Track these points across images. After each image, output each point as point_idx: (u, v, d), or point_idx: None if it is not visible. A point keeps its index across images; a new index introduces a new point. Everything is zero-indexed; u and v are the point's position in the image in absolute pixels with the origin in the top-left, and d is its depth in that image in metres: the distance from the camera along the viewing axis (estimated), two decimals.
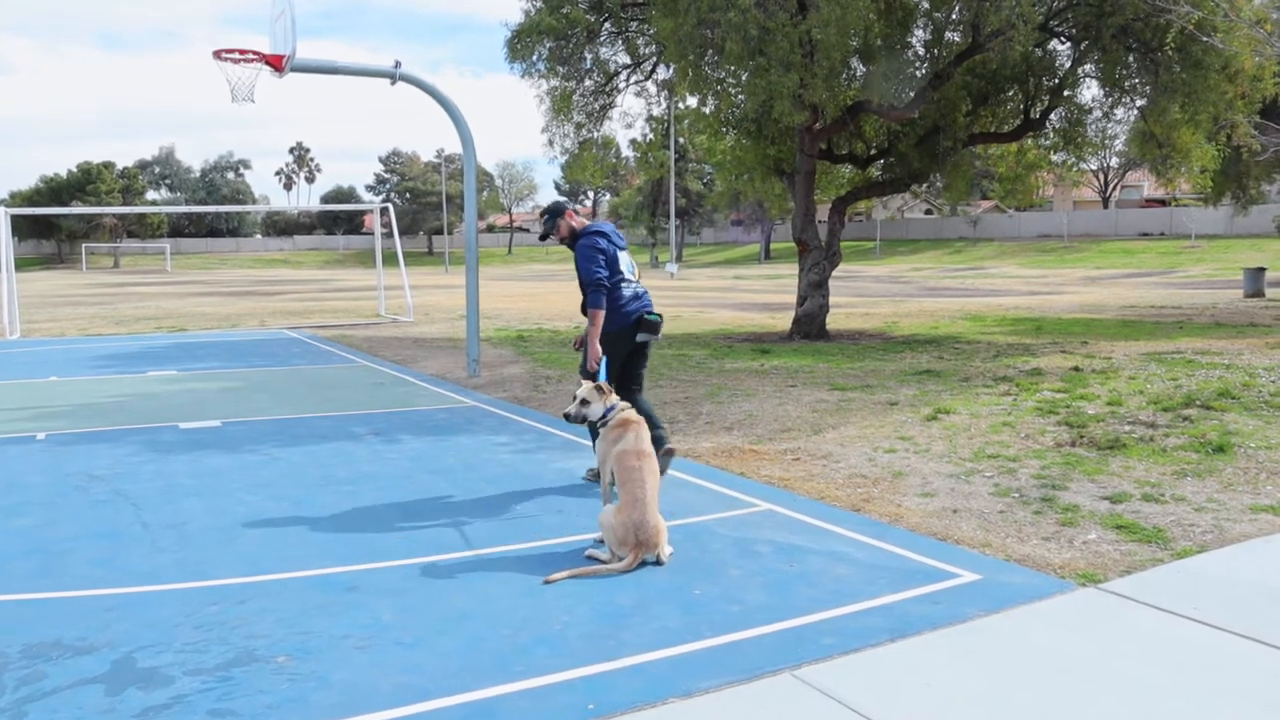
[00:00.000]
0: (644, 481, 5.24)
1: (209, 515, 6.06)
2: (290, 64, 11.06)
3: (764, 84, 12.35)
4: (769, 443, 8.27)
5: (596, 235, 6.83)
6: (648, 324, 6.82)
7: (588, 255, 6.72)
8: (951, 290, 34.59)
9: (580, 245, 6.81)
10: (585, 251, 6.75)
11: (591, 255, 6.71)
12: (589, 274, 6.66)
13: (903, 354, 14.37)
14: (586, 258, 6.72)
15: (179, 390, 11.67)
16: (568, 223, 6.99)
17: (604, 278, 6.66)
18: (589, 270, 6.68)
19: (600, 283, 6.64)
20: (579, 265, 6.78)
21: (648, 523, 5.10)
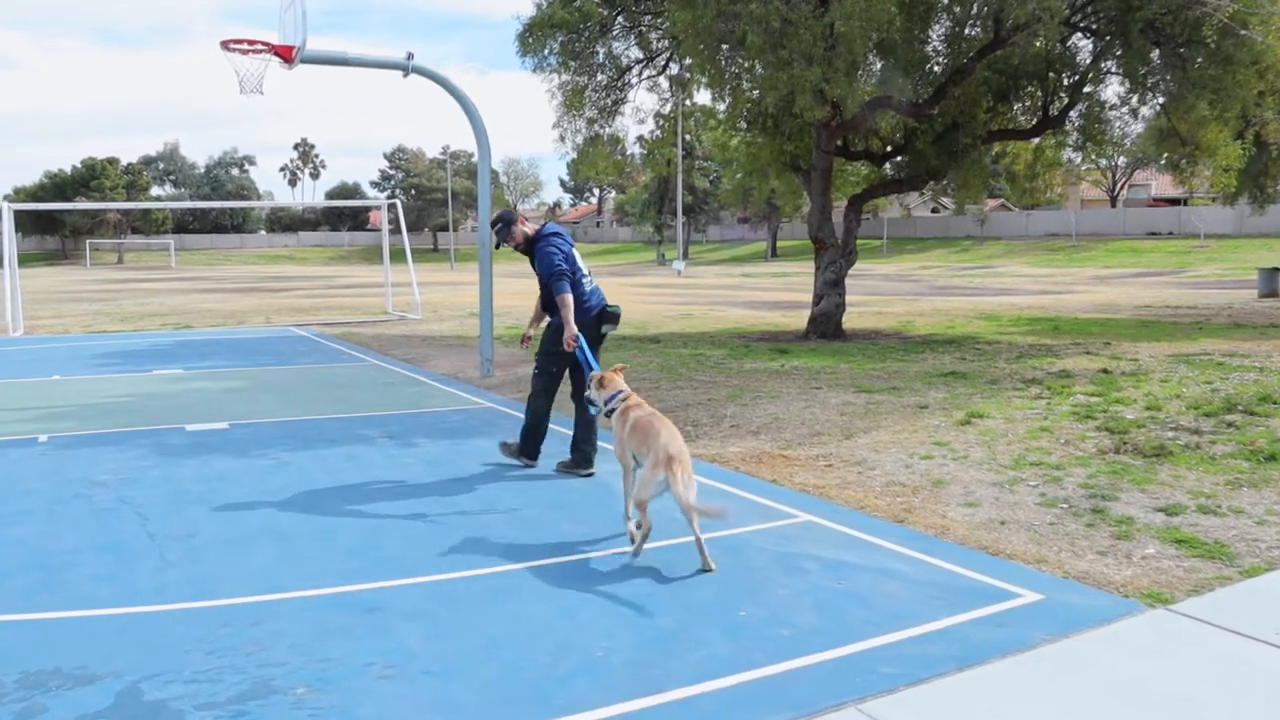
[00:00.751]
0: (659, 430, 5.44)
1: (218, 525, 5.75)
2: (300, 55, 10.75)
3: (785, 78, 12.02)
4: (799, 447, 7.96)
5: (552, 236, 7.22)
6: (610, 315, 7.28)
7: (548, 251, 7.08)
8: (962, 289, 34.26)
9: (539, 247, 7.15)
10: (545, 249, 7.10)
11: (551, 251, 7.08)
12: (551, 267, 7.01)
13: (923, 354, 14.05)
14: (547, 254, 7.06)
15: (185, 390, 11.37)
16: (521, 229, 7.35)
17: (565, 269, 7.03)
18: (550, 264, 7.02)
19: (561, 272, 6.99)
20: (540, 263, 7.10)
21: (673, 442, 5.29)
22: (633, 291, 34.57)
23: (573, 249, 7.24)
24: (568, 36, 18.12)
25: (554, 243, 7.13)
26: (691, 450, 7.91)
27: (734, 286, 38.12)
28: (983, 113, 16.80)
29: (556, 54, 18.36)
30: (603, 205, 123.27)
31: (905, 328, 18.86)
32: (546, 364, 7.29)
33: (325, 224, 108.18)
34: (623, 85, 19.66)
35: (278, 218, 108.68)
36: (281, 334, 18.92)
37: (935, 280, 42.55)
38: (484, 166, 11.86)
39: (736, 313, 23.66)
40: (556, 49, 18.33)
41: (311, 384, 11.89)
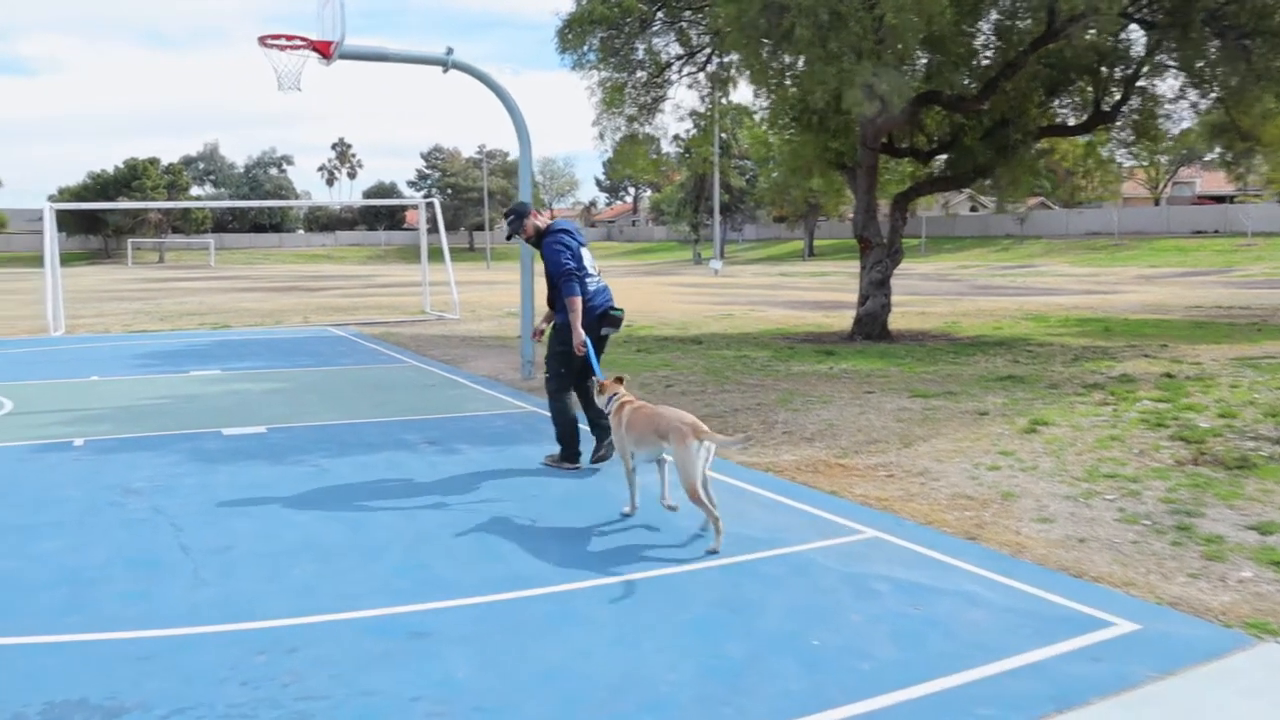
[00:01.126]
0: (664, 412, 5.69)
1: (255, 538, 5.49)
2: (338, 51, 10.53)
3: (834, 72, 11.66)
4: (856, 456, 7.61)
5: (562, 233, 7.19)
6: (611, 318, 7.29)
7: (555, 250, 7.04)
8: (1004, 289, 33.64)
9: (548, 242, 7.13)
10: (553, 247, 7.06)
11: (559, 249, 7.03)
12: (559, 266, 6.98)
13: (975, 357, 13.62)
14: (555, 252, 7.03)
15: (222, 392, 11.19)
16: (532, 222, 7.34)
17: (574, 268, 6.99)
18: (559, 263, 6.99)
19: (571, 273, 6.96)
20: (548, 260, 7.09)
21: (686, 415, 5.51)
22: (670, 291, 34.26)
23: (581, 247, 7.20)
24: (607, 33, 17.84)
25: (563, 240, 7.10)
26: (744, 459, 7.63)
27: (772, 286, 37.68)
28: (1034, 108, 16.32)
29: (596, 50, 18.09)
30: (638, 204, 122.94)
31: (951, 329, 18.41)
32: (556, 365, 7.28)
33: (362, 223, 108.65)
34: (662, 82, 19.35)
35: (315, 217, 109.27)
36: (319, 334, 18.77)
37: (975, 280, 41.88)
38: (525, 162, 11.59)
39: (778, 313, 23.28)
40: (596, 45, 18.05)
41: (350, 386, 11.67)
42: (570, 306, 6.93)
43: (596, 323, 7.15)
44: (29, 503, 6.32)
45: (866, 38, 11.62)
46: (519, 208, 7.46)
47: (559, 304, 7.10)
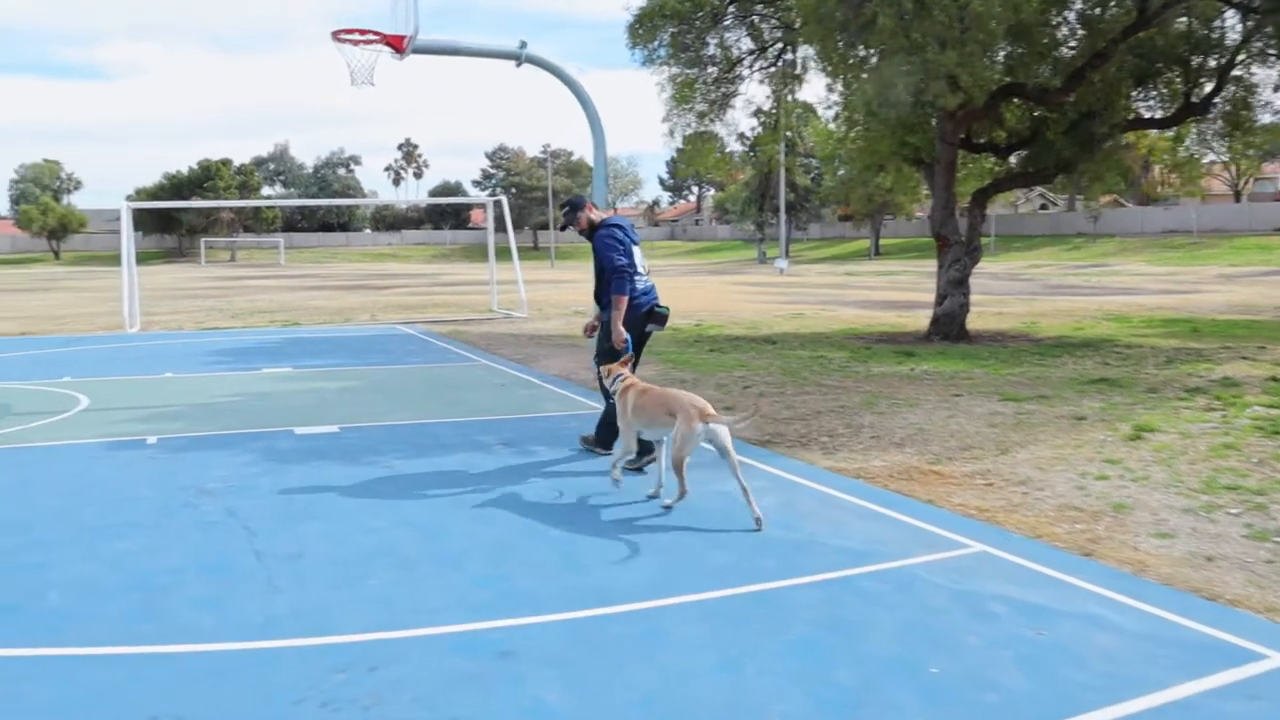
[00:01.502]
0: (675, 394, 6.05)
1: (329, 543, 5.29)
2: (412, 45, 10.38)
3: (918, 63, 11.23)
4: (950, 462, 7.23)
5: (615, 227, 7.21)
6: (656, 316, 7.24)
7: (608, 244, 7.05)
8: (1079, 289, 32.69)
9: (600, 235, 7.15)
10: (605, 241, 7.08)
11: (612, 245, 7.04)
12: (610, 261, 6.99)
13: (1061, 359, 13.10)
14: (607, 246, 7.05)
15: (294, 390, 11.10)
16: (587, 215, 7.34)
17: (625, 265, 6.99)
18: (610, 258, 7.00)
19: (622, 269, 6.96)
20: (599, 254, 7.10)
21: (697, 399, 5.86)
22: (737, 290, 33.89)
23: (634, 244, 7.22)
24: (678, 28, 17.56)
25: (615, 234, 7.12)
26: (831, 464, 7.29)
27: (839, 285, 37.09)
28: (1123, 99, 15.69)
29: (667, 46, 17.81)
30: (702, 203, 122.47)
31: (1031, 329, 17.83)
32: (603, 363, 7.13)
33: (428, 222, 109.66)
34: (733, 78, 19.01)
35: (382, 216, 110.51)
36: (388, 332, 18.74)
37: (1048, 279, 40.81)
38: (599, 157, 11.36)
39: (849, 312, 22.81)
40: (667, 40, 17.78)
41: (421, 385, 11.53)
42: (615, 304, 6.97)
43: (641, 319, 7.17)
44: (104, 502, 6.20)
45: (952, 27, 11.18)
46: (575, 200, 7.49)
47: (605, 298, 7.10)
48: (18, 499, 6.34)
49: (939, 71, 11.16)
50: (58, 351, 15.63)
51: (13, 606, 4.43)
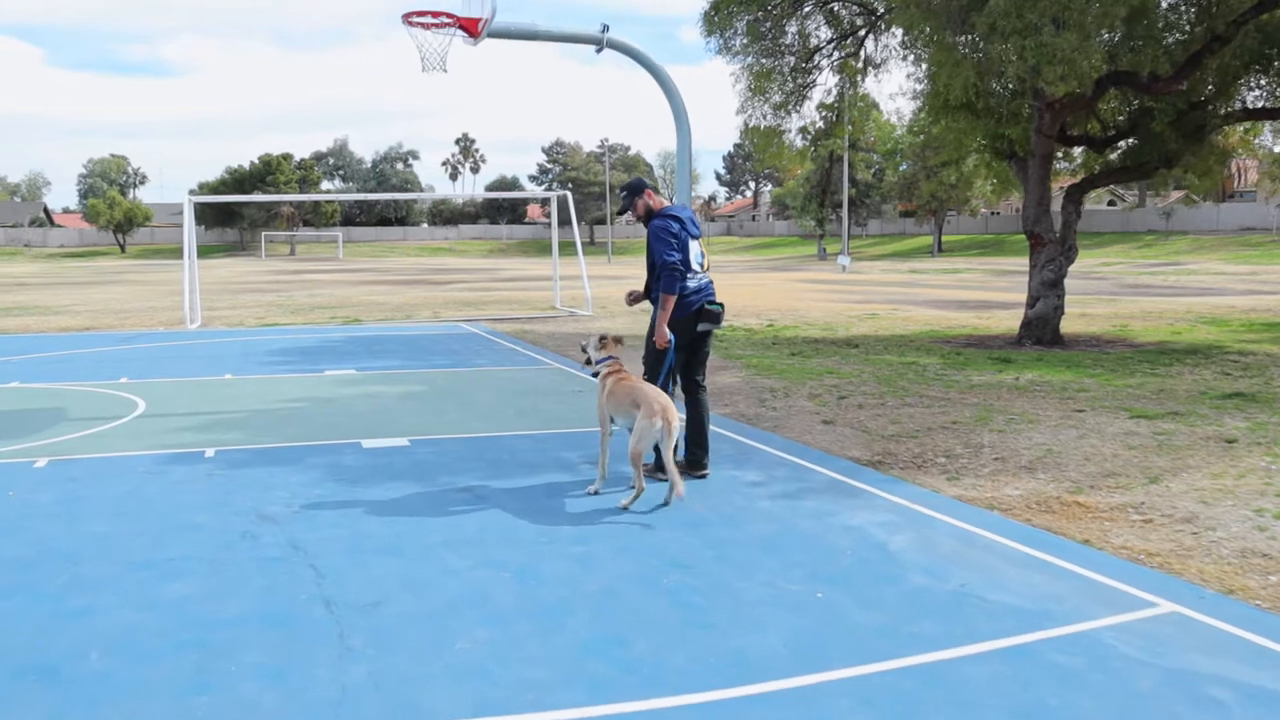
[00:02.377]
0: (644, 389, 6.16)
1: (409, 591, 4.59)
2: (487, 28, 9.70)
3: (1033, 45, 10.32)
4: (1094, 492, 6.40)
5: (671, 219, 6.74)
6: (709, 314, 6.81)
7: (660, 238, 6.65)
8: (1156, 288, 31.33)
9: (654, 225, 6.74)
10: (658, 233, 6.67)
11: (664, 238, 6.63)
12: (660, 256, 6.61)
13: (1173, 367, 12.13)
14: (659, 239, 6.65)
15: (359, 395, 10.50)
16: (645, 201, 6.86)
17: (676, 261, 6.58)
18: (661, 252, 6.61)
19: (674, 267, 6.56)
20: (651, 246, 6.73)
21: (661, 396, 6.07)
22: (802, 288, 32.97)
23: (690, 237, 6.79)
24: (755, 15, 16.75)
25: (670, 227, 6.68)
26: (958, 492, 6.48)
27: (906, 284, 36.00)
28: (1240, 87, 14.60)
29: (743, 34, 17.02)
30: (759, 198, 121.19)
31: (1125, 333, 16.79)
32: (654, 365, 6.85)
33: (484, 217, 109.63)
34: (810, 68, 18.16)
35: (439, 211, 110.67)
36: (452, 330, 18.15)
37: (1122, 278, 39.35)
38: (683, 145, 10.61)
39: (924, 313, 21.84)
40: (743, 29, 16.99)
41: (492, 390, 10.86)
42: (662, 303, 6.60)
43: (692, 318, 6.76)
44: (157, 531, 5.57)
45: (1070, 7, 10.26)
46: (634, 183, 6.96)
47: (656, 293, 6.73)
48: (66, 523, 5.74)
49: (1054, 55, 10.24)
50: (118, 349, 15.23)
51: (50, 669, 3.79)
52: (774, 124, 18.24)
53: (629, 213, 6.95)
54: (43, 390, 10.98)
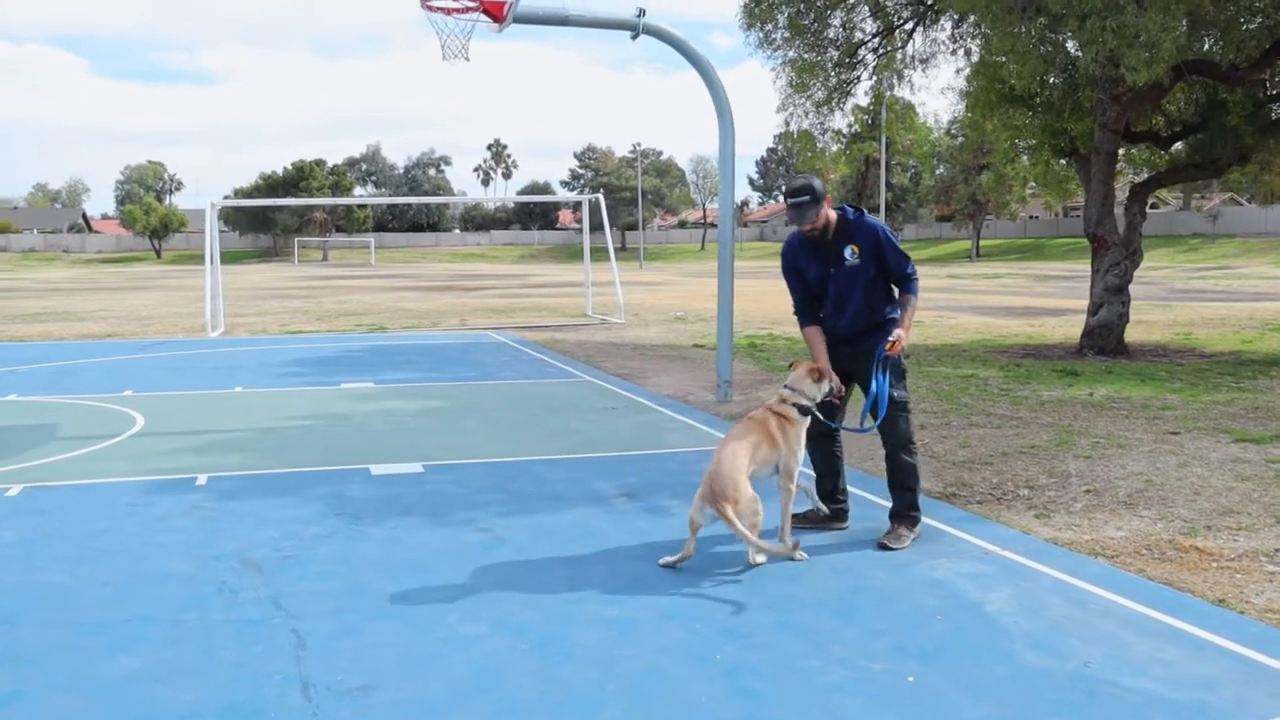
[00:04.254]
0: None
1: (406, 669, 3.76)
2: (512, 12, 8.90)
3: (1114, 27, 9.37)
4: (1213, 535, 5.47)
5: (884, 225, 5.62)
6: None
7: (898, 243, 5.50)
8: (1209, 293, 30.04)
9: (883, 228, 5.50)
10: (895, 241, 5.49)
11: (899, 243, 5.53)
12: (905, 265, 5.48)
13: (1258, 380, 11.14)
14: (899, 249, 5.47)
15: (374, 411, 9.72)
16: (827, 211, 5.40)
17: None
18: (905, 261, 5.48)
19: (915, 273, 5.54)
20: (891, 251, 5.43)
21: (716, 471, 4.86)
22: None
23: None
24: (798, 7, 15.89)
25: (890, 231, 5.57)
26: (1052, 533, 5.56)
27: (947, 289, 34.89)
28: None
29: (784, 28, 16.18)
30: None
31: (1190, 342, 15.77)
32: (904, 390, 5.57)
33: (516, 223, 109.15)
34: (854, 64, 17.26)
35: (470, 217, 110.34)
36: (479, 340, 17.37)
37: (1170, 283, 37.97)
38: (725, 137, 9.74)
39: (972, 320, 20.85)
40: (784, 22, 16.14)
41: (519, 407, 10.04)
42: (913, 308, 5.52)
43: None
44: (121, 581, 4.77)
45: None
46: (815, 186, 5.25)
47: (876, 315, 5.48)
48: (19, 571, 4.95)
49: (1137, 37, 9.28)
50: (131, 359, 14.57)
51: None
52: (816, 121, 17.38)
53: (803, 225, 5.37)
54: (40, 404, 10.29)
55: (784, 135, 19.45)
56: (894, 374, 5.41)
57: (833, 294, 5.49)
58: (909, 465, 5.48)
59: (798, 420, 5.23)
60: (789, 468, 5.18)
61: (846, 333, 5.51)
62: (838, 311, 5.52)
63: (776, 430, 5.15)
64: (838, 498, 5.74)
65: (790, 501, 5.20)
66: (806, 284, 5.61)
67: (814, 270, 5.53)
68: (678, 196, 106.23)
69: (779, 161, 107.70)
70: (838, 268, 5.43)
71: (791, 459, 5.19)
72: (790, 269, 5.67)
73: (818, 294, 5.58)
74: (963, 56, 16.03)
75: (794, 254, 5.63)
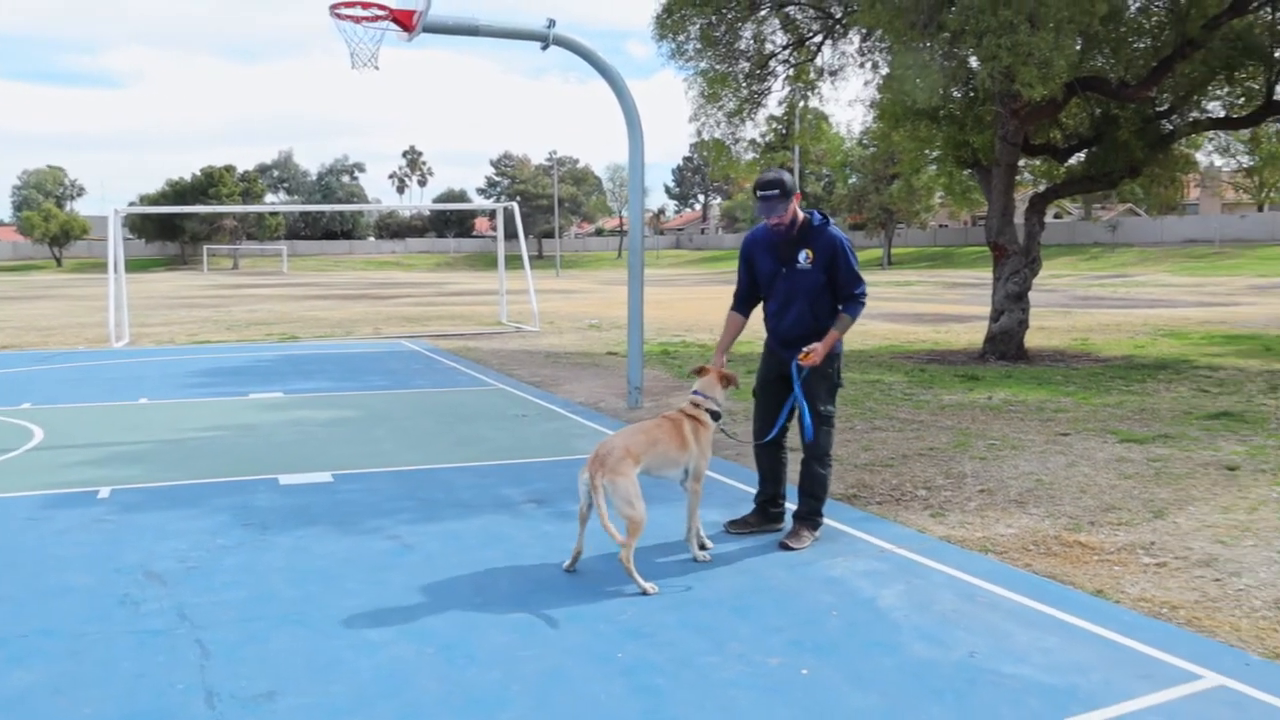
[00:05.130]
0: None
1: (312, 675, 3.79)
2: (422, 22, 8.92)
3: (1008, 45, 9.75)
4: (1095, 530, 5.76)
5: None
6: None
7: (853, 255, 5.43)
8: (1107, 300, 31.14)
9: (840, 241, 5.40)
10: (850, 251, 5.42)
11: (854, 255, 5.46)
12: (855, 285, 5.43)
13: (1147, 384, 11.63)
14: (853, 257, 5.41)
15: (283, 421, 9.63)
16: (795, 208, 5.37)
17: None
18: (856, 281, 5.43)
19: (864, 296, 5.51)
20: (845, 267, 5.38)
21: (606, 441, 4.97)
22: None
23: None
24: (709, 19, 16.15)
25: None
26: (946, 531, 5.79)
27: None
28: (1206, 96, 14.21)
29: (696, 38, 16.42)
30: (708, 212, 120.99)
31: (1088, 347, 16.36)
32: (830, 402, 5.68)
33: (431, 230, 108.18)
34: (765, 75, 17.59)
35: (385, 224, 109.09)
36: (392, 348, 17.25)
37: (1072, 290, 39.25)
38: (635, 147, 9.87)
39: (881, 327, 21.32)
40: (696, 33, 16.39)
41: (431, 415, 10.04)
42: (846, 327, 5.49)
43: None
44: (21, 596, 4.71)
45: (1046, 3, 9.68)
46: (786, 180, 5.23)
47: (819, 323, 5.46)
48: None
49: (1030, 55, 9.66)
50: (30, 370, 14.17)
51: None
52: (728, 131, 17.66)
53: (771, 218, 5.32)
54: None
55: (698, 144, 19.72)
56: (827, 389, 5.56)
57: (781, 294, 5.50)
58: (821, 476, 5.59)
59: (710, 425, 5.31)
60: (699, 469, 5.24)
61: (787, 335, 5.53)
62: (781, 312, 5.53)
63: (690, 433, 5.20)
64: (777, 502, 5.87)
65: (698, 504, 5.27)
66: (754, 277, 5.64)
67: (767, 266, 5.53)
68: (594, 204, 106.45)
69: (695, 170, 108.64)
70: (789, 269, 5.44)
71: (702, 461, 5.26)
72: (744, 259, 5.69)
73: (766, 292, 5.60)
74: (870, 70, 16.44)
75: (752, 245, 5.64)
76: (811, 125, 44.25)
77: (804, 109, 22.26)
